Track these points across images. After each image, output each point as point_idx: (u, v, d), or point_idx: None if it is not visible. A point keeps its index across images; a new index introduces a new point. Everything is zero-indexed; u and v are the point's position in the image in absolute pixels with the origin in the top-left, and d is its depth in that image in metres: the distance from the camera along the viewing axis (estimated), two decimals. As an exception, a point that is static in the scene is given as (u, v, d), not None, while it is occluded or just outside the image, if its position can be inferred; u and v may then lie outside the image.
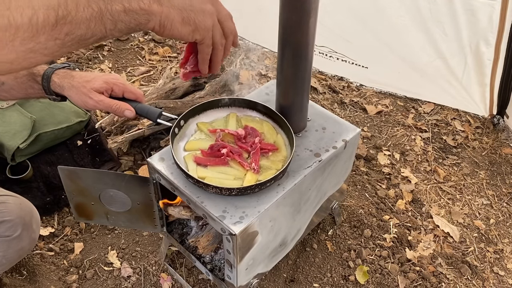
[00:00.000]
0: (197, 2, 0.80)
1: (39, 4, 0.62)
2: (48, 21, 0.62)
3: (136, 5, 0.71)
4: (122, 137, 1.98)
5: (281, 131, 1.32)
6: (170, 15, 0.76)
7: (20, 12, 0.60)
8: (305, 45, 1.16)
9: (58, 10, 0.63)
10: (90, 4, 0.67)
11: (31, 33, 0.61)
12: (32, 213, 1.35)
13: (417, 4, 2.24)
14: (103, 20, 0.68)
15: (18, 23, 0.60)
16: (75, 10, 0.65)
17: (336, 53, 2.63)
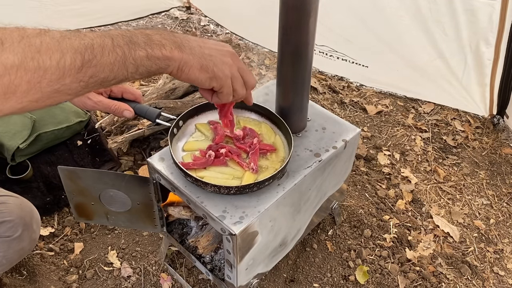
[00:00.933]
0: (217, 54, 0.85)
1: (67, 48, 0.65)
2: (74, 65, 0.65)
3: (159, 52, 0.76)
4: (122, 137, 1.98)
5: (280, 132, 1.33)
6: (189, 62, 0.80)
7: (49, 55, 0.62)
8: (305, 45, 1.16)
9: (84, 54, 0.66)
10: (115, 48, 0.70)
11: (58, 76, 0.64)
12: (33, 213, 1.35)
13: (417, 4, 2.24)
14: (126, 64, 0.72)
15: (47, 66, 0.62)
16: (100, 54, 0.68)
17: (337, 52, 2.63)
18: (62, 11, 2.81)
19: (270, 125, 1.34)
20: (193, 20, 3.22)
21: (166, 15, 3.26)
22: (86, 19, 2.92)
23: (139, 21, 3.15)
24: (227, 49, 0.88)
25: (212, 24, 3.20)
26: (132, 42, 0.73)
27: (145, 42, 0.75)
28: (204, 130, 1.32)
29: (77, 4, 2.84)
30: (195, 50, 0.82)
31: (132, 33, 0.75)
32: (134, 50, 0.73)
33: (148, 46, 0.75)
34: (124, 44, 0.72)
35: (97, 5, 2.92)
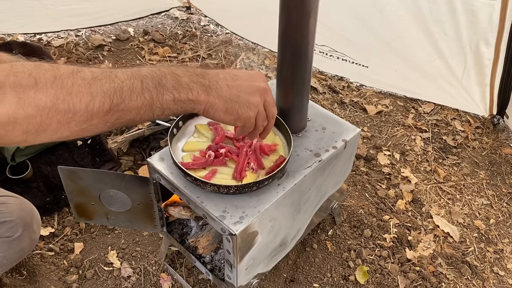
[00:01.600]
0: (245, 94, 0.86)
1: (97, 91, 0.66)
2: (102, 108, 0.67)
3: (185, 96, 0.77)
4: (122, 137, 1.98)
5: (279, 132, 1.33)
6: (215, 105, 0.82)
7: (79, 98, 0.64)
8: (305, 45, 1.16)
9: (113, 97, 0.68)
10: (143, 92, 0.72)
11: (86, 118, 0.66)
12: (33, 213, 1.35)
13: (417, 4, 2.24)
14: (153, 108, 0.74)
15: (77, 108, 0.64)
16: (128, 98, 0.70)
17: (337, 52, 2.64)
18: (62, 10, 2.81)
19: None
20: (193, 20, 3.22)
21: (166, 15, 3.26)
22: (86, 18, 2.93)
23: (139, 21, 3.15)
24: (257, 84, 0.89)
25: (212, 24, 3.20)
26: (161, 85, 0.74)
27: (173, 85, 0.76)
28: (204, 131, 1.32)
29: (77, 4, 2.84)
30: (223, 91, 0.83)
31: (162, 73, 0.76)
32: (162, 94, 0.74)
33: (176, 90, 0.76)
34: (153, 87, 0.73)
35: (97, 5, 2.92)
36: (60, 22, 2.87)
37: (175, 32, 3.08)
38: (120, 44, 2.92)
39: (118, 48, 2.88)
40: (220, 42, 3.00)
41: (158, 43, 2.95)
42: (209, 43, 3.01)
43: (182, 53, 2.88)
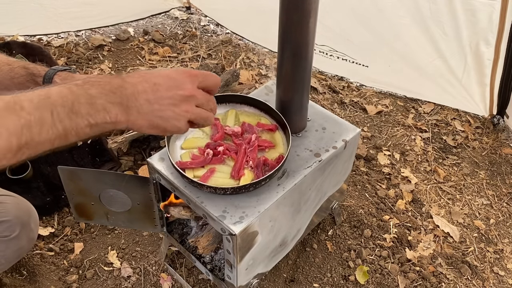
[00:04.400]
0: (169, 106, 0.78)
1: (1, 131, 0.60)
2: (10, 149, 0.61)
3: (102, 119, 0.71)
4: (122, 137, 1.98)
5: (280, 128, 1.32)
6: (137, 122, 0.76)
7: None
8: (305, 45, 1.16)
9: (21, 136, 0.62)
10: (55, 123, 0.66)
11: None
12: (30, 212, 1.35)
13: (417, 4, 2.24)
14: (68, 137, 0.68)
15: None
16: (38, 134, 0.64)
17: (337, 52, 2.64)
18: (62, 13, 2.82)
19: (270, 120, 1.34)
20: (193, 20, 3.23)
21: (166, 15, 3.26)
22: (86, 21, 2.93)
23: (139, 21, 3.15)
24: (181, 93, 0.79)
25: (212, 24, 3.20)
26: (74, 112, 0.68)
27: (87, 111, 0.69)
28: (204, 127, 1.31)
29: (78, 7, 2.85)
30: (143, 108, 0.75)
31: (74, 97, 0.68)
32: (76, 122, 0.68)
33: (91, 116, 0.69)
34: (65, 116, 0.66)
35: (97, 7, 2.92)
36: (60, 25, 2.87)
37: (175, 32, 3.08)
38: (120, 44, 2.92)
39: (118, 48, 2.88)
40: (220, 42, 3.00)
41: (158, 43, 2.95)
42: (209, 43, 3.01)
43: (182, 53, 2.88)
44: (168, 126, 0.79)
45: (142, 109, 0.75)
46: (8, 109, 0.61)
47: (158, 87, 0.77)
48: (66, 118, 0.66)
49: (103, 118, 0.71)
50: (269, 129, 1.30)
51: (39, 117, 0.63)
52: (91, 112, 0.69)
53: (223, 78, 2.24)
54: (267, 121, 1.34)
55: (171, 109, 0.78)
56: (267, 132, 1.31)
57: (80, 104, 0.68)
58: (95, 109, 0.70)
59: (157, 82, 0.77)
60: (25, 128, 0.62)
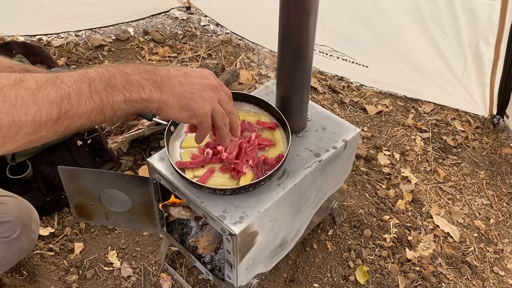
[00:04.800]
0: (198, 90, 0.84)
1: (43, 100, 0.63)
2: (50, 118, 0.64)
3: (137, 95, 0.74)
4: (122, 137, 1.98)
5: (280, 126, 1.32)
6: (168, 102, 0.80)
7: (24, 110, 0.61)
8: (305, 45, 1.16)
9: (61, 105, 0.65)
10: (92, 95, 0.69)
11: (34, 129, 0.63)
12: (31, 213, 1.35)
13: (417, 4, 2.24)
14: (104, 111, 0.71)
15: (22, 121, 0.61)
16: (77, 104, 0.67)
17: (337, 52, 2.64)
18: (62, 13, 2.82)
19: (270, 118, 1.34)
20: (193, 20, 3.23)
21: (166, 15, 3.26)
22: (86, 21, 2.93)
23: (139, 21, 3.15)
24: (209, 82, 0.87)
25: (212, 24, 3.20)
26: (110, 86, 0.71)
27: (123, 85, 0.73)
28: None
29: (78, 7, 2.85)
30: (175, 88, 0.81)
31: (110, 73, 0.73)
32: (112, 95, 0.71)
33: (127, 90, 0.73)
34: (102, 89, 0.70)
35: (97, 7, 2.92)
36: (60, 25, 2.87)
37: (175, 32, 3.08)
38: (120, 44, 2.92)
39: (118, 48, 2.88)
40: (220, 42, 3.00)
41: (158, 43, 2.95)
42: (209, 43, 3.01)
43: (182, 53, 2.88)
44: (197, 108, 0.83)
45: (174, 88, 0.80)
46: (50, 82, 0.65)
47: (188, 74, 0.85)
48: (103, 91, 0.70)
49: (138, 93, 0.74)
50: (269, 127, 1.30)
51: (77, 89, 0.67)
52: (126, 86, 0.73)
53: (223, 78, 2.24)
54: (267, 119, 1.33)
55: (200, 93, 0.84)
56: (267, 130, 1.30)
57: (116, 80, 0.72)
58: (131, 84, 0.73)
59: (187, 71, 0.85)
60: (65, 98, 0.65)
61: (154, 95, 0.77)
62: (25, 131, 0.62)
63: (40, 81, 0.64)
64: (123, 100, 0.73)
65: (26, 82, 0.63)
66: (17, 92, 0.61)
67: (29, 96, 0.62)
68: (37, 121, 0.63)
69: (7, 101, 0.60)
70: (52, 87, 0.65)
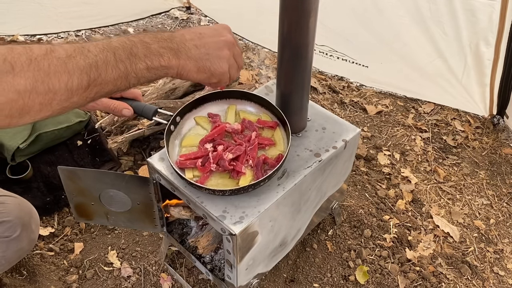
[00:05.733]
0: (214, 50, 0.88)
1: (73, 68, 0.68)
2: (81, 85, 0.69)
3: (158, 63, 0.80)
4: (122, 137, 1.98)
5: (280, 125, 1.32)
6: (187, 67, 0.85)
7: (58, 78, 0.66)
8: (305, 45, 1.16)
9: (90, 73, 0.69)
10: (117, 64, 0.74)
11: (67, 96, 0.68)
12: (31, 213, 1.35)
13: (417, 4, 2.24)
14: (128, 78, 0.76)
15: (56, 88, 0.66)
16: (105, 72, 0.72)
17: (337, 52, 2.64)
18: (62, 13, 2.82)
19: (270, 116, 1.33)
20: (193, 20, 3.22)
21: (166, 15, 3.26)
22: (86, 20, 2.93)
23: (139, 21, 3.15)
24: (223, 39, 0.90)
25: (212, 24, 3.20)
26: (133, 54, 0.76)
27: (144, 54, 0.78)
28: (203, 123, 1.31)
29: (78, 7, 2.85)
30: (192, 52, 0.85)
31: (132, 43, 0.77)
32: (135, 63, 0.76)
33: (148, 58, 0.78)
34: (126, 58, 0.75)
35: (97, 7, 2.92)
36: (60, 24, 2.87)
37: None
38: (120, 44, 2.92)
39: (118, 48, 2.88)
40: (220, 42, 3.00)
41: (158, 43, 2.95)
42: (209, 43, 3.00)
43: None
44: (214, 69, 0.88)
45: (190, 52, 0.85)
46: (78, 51, 0.69)
47: (203, 35, 0.88)
48: (127, 60, 0.75)
49: (158, 61, 0.79)
50: (269, 126, 1.30)
51: (104, 57, 0.71)
52: (147, 54, 0.78)
53: (223, 78, 2.24)
54: (267, 117, 1.33)
55: (215, 52, 0.88)
56: (267, 129, 1.30)
57: (138, 49, 0.77)
58: (151, 53, 0.78)
59: (202, 32, 0.88)
60: (93, 67, 0.70)
61: (173, 61, 0.82)
62: (59, 98, 0.67)
63: (69, 51, 0.69)
64: (145, 68, 0.78)
65: (57, 52, 0.67)
66: (50, 62, 0.65)
67: (60, 65, 0.66)
68: (70, 88, 0.67)
69: (41, 70, 0.64)
70: (80, 56, 0.69)
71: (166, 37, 0.83)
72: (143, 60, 0.77)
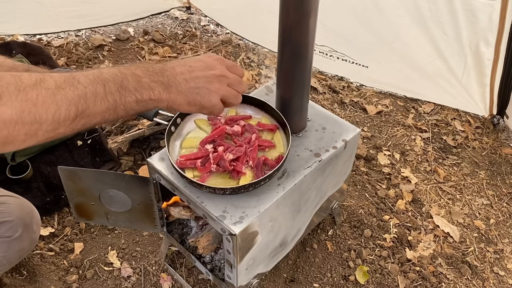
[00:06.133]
0: (204, 83, 0.88)
1: (62, 100, 0.67)
2: (69, 116, 0.69)
3: (147, 96, 0.80)
4: (122, 137, 1.98)
5: (280, 128, 1.32)
6: (177, 101, 0.85)
7: (45, 109, 0.65)
8: (305, 45, 1.16)
9: (78, 105, 0.69)
10: (106, 96, 0.74)
11: (53, 127, 0.67)
12: (33, 213, 1.35)
13: (417, 4, 2.24)
14: (117, 110, 0.76)
15: (43, 119, 0.65)
16: (93, 104, 0.71)
17: (337, 52, 2.63)
18: (62, 12, 2.82)
19: (270, 119, 1.34)
20: (193, 20, 3.23)
21: (166, 15, 3.26)
22: (86, 20, 2.93)
23: (139, 21, 3.15)
24: (213, 73, 0.90)
25: (212, 24, 3.20)
26: (123, 87, 0.76)
27: (135, 87, 0.78)
28: (204, 125, 1.31)
29: (77, 6, 2.84)
30: (182, 86, 0.85)
31: (123, 75, 0.77)
32: (125, 96, 0.76)
33: (138, 92, 0.78)
34: (115, 90, 0.75)
35: (97, 6, 2.92)
36: (60, 24, 2.87)
37: (175, 32, 3.08)
38: (120, 44, 2.92)
39: (118, 48, 2.88)
40: (220, 42, 3.01)
41: (158, 43, 2.95)
42: (209, 43, 3.01)
43: (182, 53, 2.88)
44: (204, 101, 0.88)
45: (180, 87, 0.85)
46: (68, 82, 0.69)
47: (193, 69, 0.88)
48: (116, 92, 0.75)
49: (148, 95, 0.80)
50: (269, 129, 1.30)
51: (93, 89, 0.71)
52: (138, 88, 0.78)
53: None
54: (267, 120, 1.33)
55: (205, 86, 0.88)
56: (267, 132, 1.31)
57: (128, 82, 0.77)
58: (142, 86, 0.79)
59: (192, 65, 0.88)
60: (82, 99, 0.70)
61: (163, 95, 0.82)
62: (45, 129, 0.66)
63: (58, 81, 0.68)
64: (135, 101, 0.78)
65: (46, 83, 0.67)
66: (38, 92, 0.65)
67: (49, 96, 0.66)
68: (57, 119, 0.67)
69: (29, 100, 0.64)
70: (70, 87, 0.69)
71: (158, 70, 0.83)
72: (133, 94, 0.77)
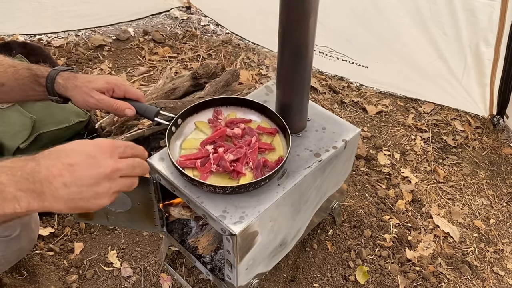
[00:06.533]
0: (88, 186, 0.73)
1: None
2: None
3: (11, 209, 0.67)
4: (122, 137, 1.98)
5: (279, 130, 1.32)
6: (54, 208, 0.71)
7: None
8: (305, 45, 1.16)
9: None
10: None
11: None
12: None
13: (417, 4, 2.24)
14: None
15: None
16: None
17: (336, 52, 2.64)
18: (62, 12, 2.82)
19: (269, 123, 1.34)
20: (193, 20, 3.23)
21: (166, 15, 3.26)
22: (86, 20, 2.93)
23: (139, 21, 3.15)
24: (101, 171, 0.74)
25: (212, 24, 3.20)
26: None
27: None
28: (204, 128, 1.32)
29: (77, 5, 2.84)
30: (59, 192, 0.70)
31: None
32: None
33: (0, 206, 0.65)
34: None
35: (97, 6, 2.92)
36: (60, 23, 2.87)
37: (175, 32, 3.08)
38: (120, 44, 2.92)
39: (118, 48, 2.88)
40: (220, 42, 3.01)
41: (158, 43, 2.95)
42: (209, 43, 3.01)
43: (182, 53, 2.88)
44: (89, 205, 0.75)
45: (57, 193, 0.70)
46: None
47: (75, 168, 0.72)
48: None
49: (13, 207, 0.67)
50: (269, 133, 1.30)
51: None
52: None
53: (223, 78, 2.24)
54: (267, 124, 1.34)
55: (91, 189, 0.74)
56: (267, 135, 1.31)
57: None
58: (4, 198, 0.66)
59: (73, 163, 0.72)
60: None
61: (33, 206, 0.68)
62: None
63: None
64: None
65: None
66: None
67: None
68: None
69: None
70: None
71: (28, 174, 0.69)
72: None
